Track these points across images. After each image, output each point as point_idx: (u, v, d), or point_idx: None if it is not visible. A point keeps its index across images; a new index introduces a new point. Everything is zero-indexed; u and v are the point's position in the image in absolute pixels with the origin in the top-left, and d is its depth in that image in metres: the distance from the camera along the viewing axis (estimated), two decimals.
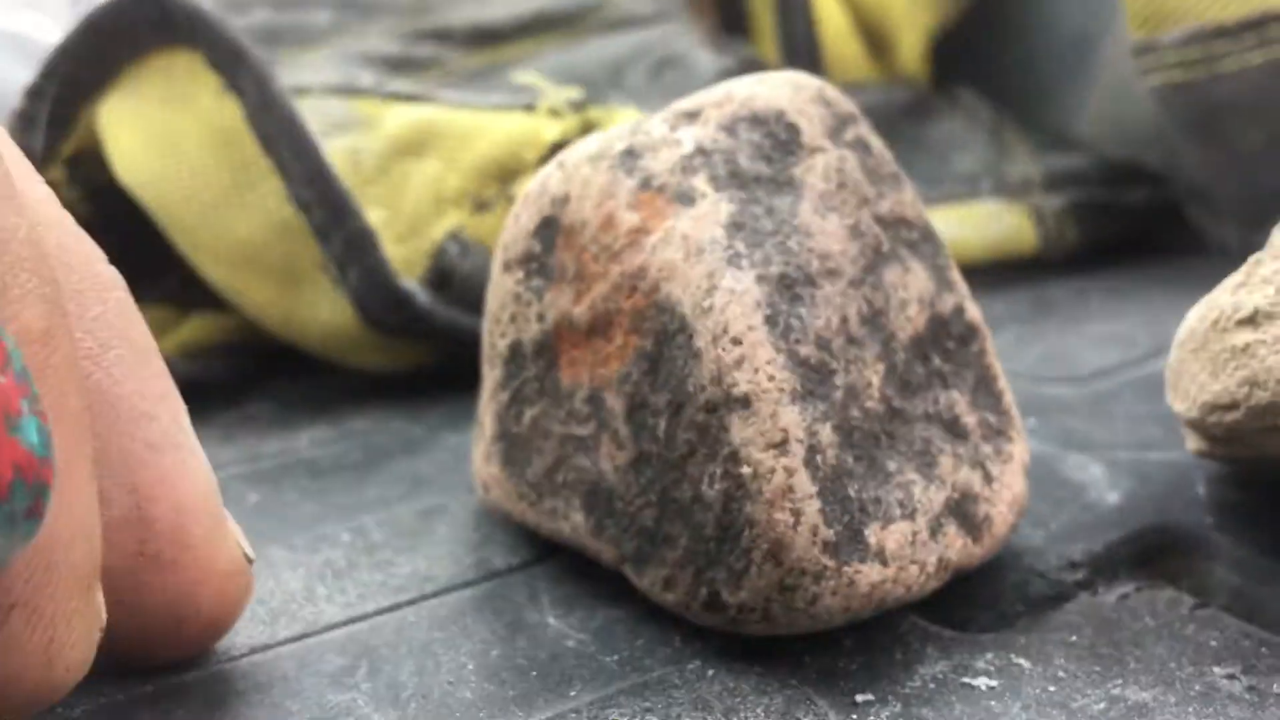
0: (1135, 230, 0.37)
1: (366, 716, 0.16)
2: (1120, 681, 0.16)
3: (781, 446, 0.17)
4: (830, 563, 0.16)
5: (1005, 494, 0.19)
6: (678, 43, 0.39)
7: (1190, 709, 0.16)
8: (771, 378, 0.17)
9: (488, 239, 0.29)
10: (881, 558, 0.17)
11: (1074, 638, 0.18)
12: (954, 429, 0.18)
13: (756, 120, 0.19)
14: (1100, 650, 0.17)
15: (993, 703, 0.16)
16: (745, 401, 0.17)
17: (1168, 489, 0.22)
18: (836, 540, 0.17)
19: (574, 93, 0.33)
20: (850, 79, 0.41)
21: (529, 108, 0.31)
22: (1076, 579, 0.19)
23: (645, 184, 0.19)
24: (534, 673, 0.17)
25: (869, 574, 0.17)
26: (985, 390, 0.19)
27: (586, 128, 0.31)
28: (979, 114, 0.41)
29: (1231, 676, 0.16)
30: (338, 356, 0.29)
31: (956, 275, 0.20)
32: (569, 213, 0.19)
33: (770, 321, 0.17)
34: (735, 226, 0.18)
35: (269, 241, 0.27)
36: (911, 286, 0.19)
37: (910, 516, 0.17)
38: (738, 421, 0.17)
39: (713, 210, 0.18)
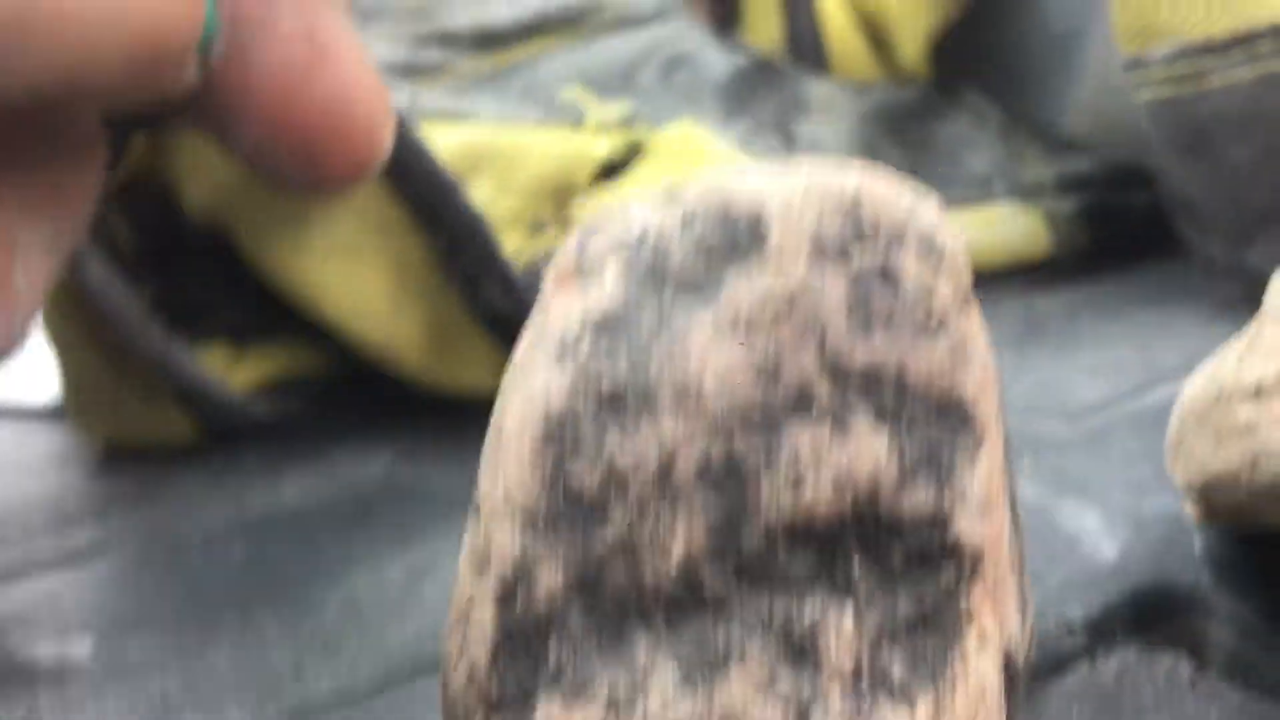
0: (1140, 233, 0.37)
1: None
2: None
3: (481, 568, 0.15)
4: (480, 717, 0.14)
5: None
6: (685, 41, 0.39)
7: None
8: (507, 492, 0.15)
9: (541, 260, 0.28)
10: None
11: (1074, 715, 0.17)
12: (797, 652, 0.14)
13: (725, 217, 0.16)
14: None
15: None
16: (478, 508, 0.15)
17: (1165, 542, 0.21)
18: (499, 695, 0.14)
19: (619, 108, 0.32)
20: (855, 77, 0.41)
21: (576, 124, 0.31)
22: (1075, 645, 0.19)
23: (578, 259, 0.16)
24: None
25: None
26: (929, 637, 0.14)
27: (633, 145, 0.31)
28: (986, 115, 0.41)
29: None
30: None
31: (976, 478, 0.15)
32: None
33: (550, 434, 0.15)
34: (600, 324, 0.15)
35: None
36: (830, 460, 0.15)
37: (615, 713, 0.14)
38: (470, 526, 0.15)
39: (592, 301, 0.16)
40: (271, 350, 0.28)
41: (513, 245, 0.28)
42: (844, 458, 0.14)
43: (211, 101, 0.20)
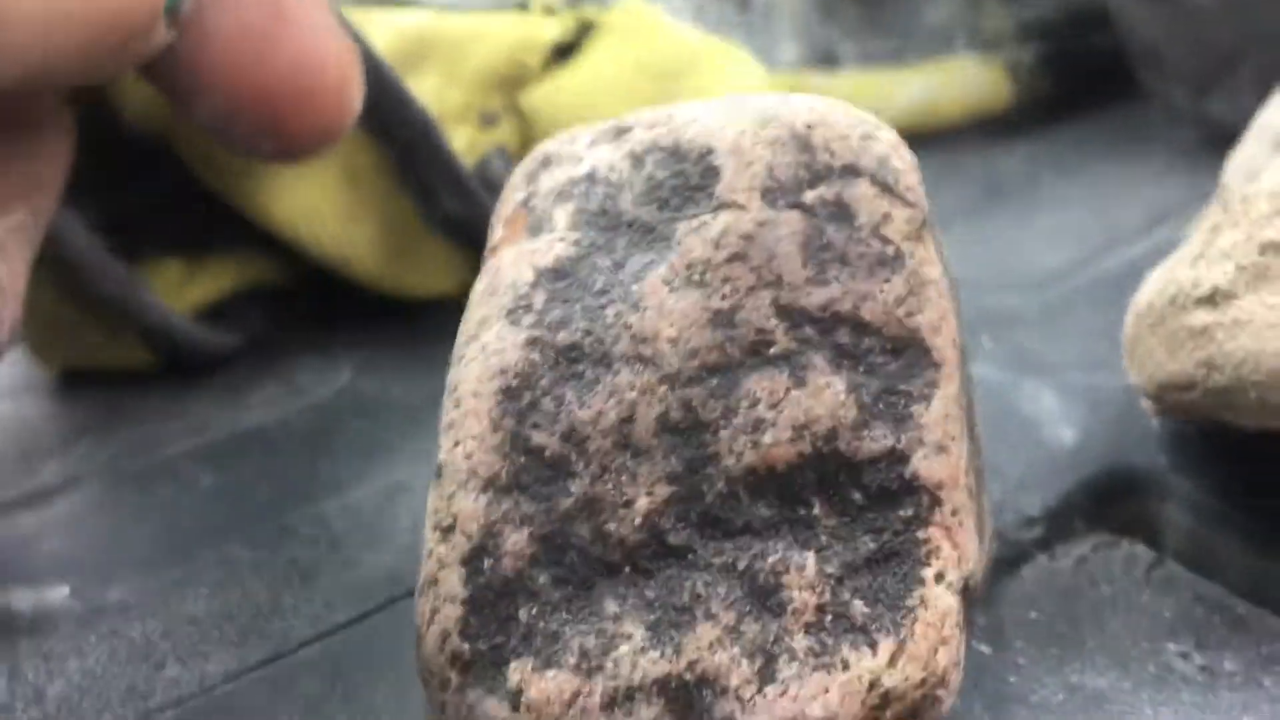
0: (1100, 78, 0.37)
1: None
2: (1078, 666, 0.17)
3: (446, 533, 0.15)
4: (454, 678, 0.14)
5: (779, 709, 0.13)
6: None
7: (1145, 695, 0.16)
8: (469, 455, 0.15)
9: (494, 155, 0.28)
10: (514, 701, 0.14)
11: (1033, 614, 0.18)
12: (761, 597, 0.14)
13: (675, 153, 0.16)
14: (1058, 628, 0.18)
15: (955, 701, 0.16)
16: (439, 471, 0.15)
17: (1122, 421, 0.22)
18: (470, 658, 0.14)
19: None
20: None
21: (522, 6, 0.30)
22: (1034, 537, 0.20)
23: (526, 200, 0.17)
24: None
25: (491, 711, 0.14)
26: (890, 572, 0.14)
27: (583, 25, 0.29)
28: None
29: (1185, 655, 0.17)
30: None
31: (932, 414, 0.15)
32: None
33: (509, 393, 0.15)
34: (553, 274, 0.16)
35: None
36: (788, 405, 0.15)
37: (586, 672, 0.14)
38: (432, 491, 0.15)
39: (544, 249, 0.16)
40: (226, 263, 0.27)
41: (464, 139, 0.28)
42: (802, 401, 0.15)
43: (170, 71, 0.19)
